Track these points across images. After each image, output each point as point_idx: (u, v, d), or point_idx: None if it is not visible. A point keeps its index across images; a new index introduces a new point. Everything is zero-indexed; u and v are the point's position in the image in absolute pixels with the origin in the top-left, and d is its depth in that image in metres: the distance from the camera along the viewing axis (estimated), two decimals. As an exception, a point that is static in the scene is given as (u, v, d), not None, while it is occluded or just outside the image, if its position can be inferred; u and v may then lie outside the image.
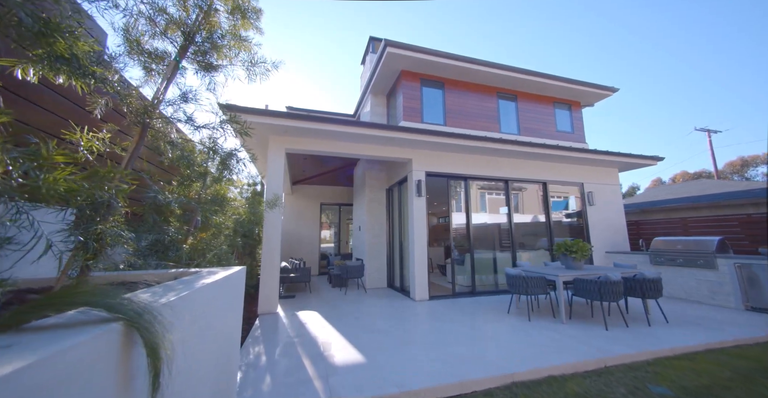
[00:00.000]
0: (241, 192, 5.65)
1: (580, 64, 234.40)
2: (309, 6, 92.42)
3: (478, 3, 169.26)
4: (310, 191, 11.81)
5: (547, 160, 7.77)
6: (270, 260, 5.45)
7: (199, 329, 1.46)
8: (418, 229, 6.51)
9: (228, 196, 3.23)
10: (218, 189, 3.18)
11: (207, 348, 1.60)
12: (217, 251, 3.25)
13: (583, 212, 8.06)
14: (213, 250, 3.22)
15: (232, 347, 2.19)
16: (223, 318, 1.91)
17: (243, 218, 5.27)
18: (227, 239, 4.43)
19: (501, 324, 4.46)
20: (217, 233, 3.28)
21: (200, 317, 1.48)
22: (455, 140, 6.40)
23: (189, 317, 1.32)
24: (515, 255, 7.27)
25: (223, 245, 3.26)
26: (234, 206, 3.74)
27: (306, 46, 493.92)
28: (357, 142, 6.31)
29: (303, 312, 5.42)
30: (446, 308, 5.60)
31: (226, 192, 3.28)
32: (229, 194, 6.04)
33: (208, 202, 2.91)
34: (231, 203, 3.20)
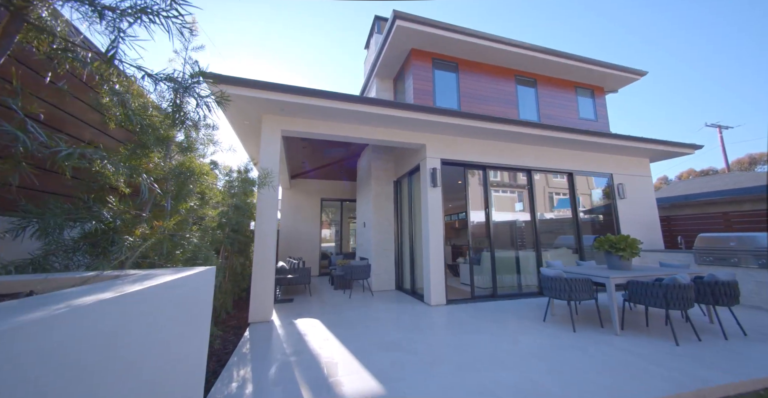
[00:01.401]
0: (230, 183, 4.87)
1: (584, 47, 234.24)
2: (309, 6, 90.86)
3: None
4: (309, 186, 11.03)
5: (573, 147, 6.99)
6: (264, 259, 4.67)
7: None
8: (433, 224, 5.73)
9: (202, 172, 2.42)
10: (187, 162, 2.39)
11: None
12: (189, 246, 2.46)
13: (612, 206, 7.28)
14: (183, 245, 2.43)
15: (186, 383, 1.41)
16: (164, 344, 1.14)
17: (230, 210, 4.49)
18: (209, 233, 3.65)
19: (542, 336, 3.68)
20: (185, 221, 2.50)
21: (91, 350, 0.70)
22: (474, 121, 5.62)
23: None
24: (540, 254, 6.49)
25: (192, 238, 2.47)
26: (210, 185, 2.93)
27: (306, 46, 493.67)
28: (364, 123, 5.53)
29: (302, 320, 4.64)
30: (468, 314, 4.82)
31: (200, 168, 2.49)
32: (219, 185, 5.28)
33: (172, 175, 2.13)
34: (203, 179, 2.42)
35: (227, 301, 4.49)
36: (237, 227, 4.60)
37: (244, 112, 4.92)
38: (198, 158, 3.24)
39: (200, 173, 2.21)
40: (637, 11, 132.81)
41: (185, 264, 2.81)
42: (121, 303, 0.91)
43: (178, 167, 2.19)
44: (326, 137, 5.53)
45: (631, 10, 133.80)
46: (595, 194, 7.49)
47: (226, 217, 4.09)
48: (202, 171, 2.20)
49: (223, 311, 4.86)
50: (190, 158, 2.38)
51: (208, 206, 3.64)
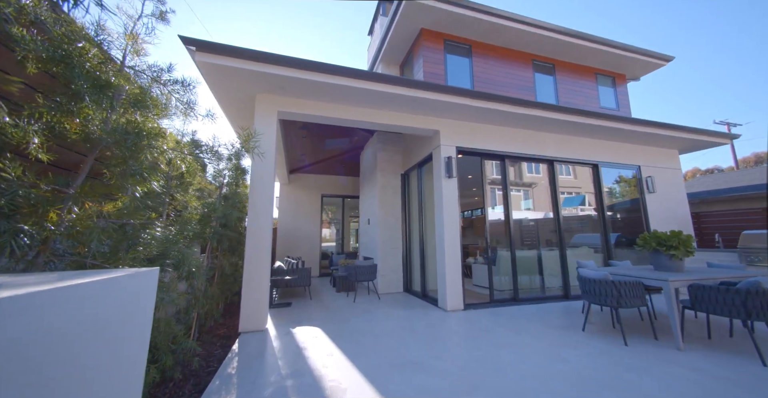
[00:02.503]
0: (218, 172, 4.24)
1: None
2: (309, 6, 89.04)
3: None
4: (309, 181, 10.39)
5: (598, 135, 6.38)
6: (257, 259, 4.04)
7: None
8: (449, 219, 5.11)
9: (155, 133, 1.74)
10: (137, 122, 1.74)
11: None
12: (151, 240, 1.83)
13: (640, 201, 6.67)
14: (142, 239, 1.80)
15: None
16: None
17: (218, 201, 3.85)
18: (189, 228, 3.01)
19: (590, 352, 3.06)
20: (143, 207, 1.86)
21: None
22: (494, 103, 5.00)
23: None
24: (565, 254, 5.87)
25: (155, 231, 1.84)
26: (180, 158, 2.27)
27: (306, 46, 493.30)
28: (373, 105, 4.90)
29: (301, 329, 4.01)
30: (492, 321, 4.20)
31: (153, 130, 1.82)
32: (209, 178, 4.64)
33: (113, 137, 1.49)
34: (156, 145, 1.73)
35: (214, 308, 3.86)
36: (225, 222, 3.97)
37: (235, 89, 4.28)
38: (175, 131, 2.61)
39: (152, 135, 1.57)
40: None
41: (150, 265, 2.18)
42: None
43: (123, 126, 1.55)
44: (329, 121, 4.90)
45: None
46: (615, 188, 6.87)
47: (210, 207, 3.45)
48: (154, 133, 1.56)
49: (210, 319, 4.23)
50: (146, 119, 1.72)
51: (187, 193, 3.01)
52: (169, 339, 2.56)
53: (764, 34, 72.55)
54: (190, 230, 3.03)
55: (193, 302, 3.48)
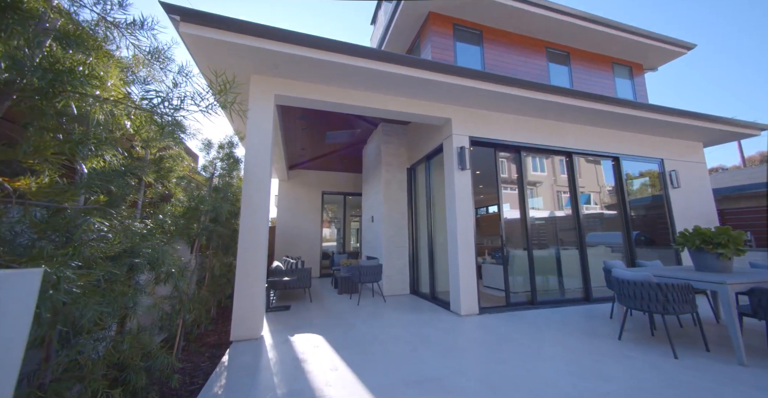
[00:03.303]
0: (211, 165, 3.81)
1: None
2: (309, 6, 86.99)
3: None
4: (309, 178, 9.96)
5: (620, 126, 5.95)
6: (252, 259, 3.61)
7: None
8: (462, 215, 4.68)
9: (90, 75, 1.26)
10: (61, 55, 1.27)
11: None
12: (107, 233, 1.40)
13: (664, 196, 6.23)
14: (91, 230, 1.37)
15: None
16: None
17: (207, 193, 3.42)
18: (169, 223, 2.60)
19: (636, 367, 2.63)
20: (84, 185, 1.42)
21: None
22: (512, 88, 4.57)
23: None
24: (585, 253, 5.44)
25: (106, 220, 1.40)
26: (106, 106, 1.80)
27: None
28: (377, 89, 4.47)
29: (301, 337, 3.58)
30: (513, 328, 3.77)
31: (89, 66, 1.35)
32: (201, 172, 4.19)
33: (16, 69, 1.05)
34: (87, 89, 1.25)
35: (203, 313, 3.43)
36: (216, 216, 3.54)
37: (226, 69, 3.85)
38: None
39: (78, 75, 1.12)
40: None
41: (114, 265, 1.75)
42: None
43: (39, 64, 1.09)
44: (331, 107, 4.47)
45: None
46: (631, 184, 6.43)
47: (198, 199, 3.01)
48: (84, 75, 1.12)
49: (201, 326, 3.80)
50: (80, 62, 1.25)
51: (168, 179, 2.57)
52: (141, 354, 2.13)
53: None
54: (171, 224, 2.60)
55: (178, 307, 3.05)
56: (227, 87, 1.49)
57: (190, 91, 1.45)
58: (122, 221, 1.73)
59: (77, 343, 1.41)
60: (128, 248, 1.89)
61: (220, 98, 1.48)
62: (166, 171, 2.52)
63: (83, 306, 1.15)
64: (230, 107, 1.53)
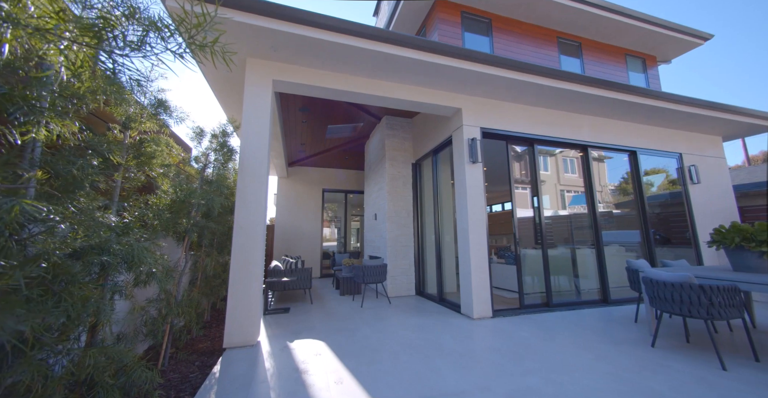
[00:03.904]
0: (204, 156, 3.50)
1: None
2: (309, 6, 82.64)
3: None
4: (310, 175, 9.66)
5: (637, 119, 5.65)
6: (247, 257, 3.30)
7: None
8: (474, 212, 4.37)
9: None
10: None
11: None
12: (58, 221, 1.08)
13: (683, 193, 5.93)
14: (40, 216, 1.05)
15: None
16: None
17: (198, 186, 3.11)
18: (152, 216, 2.29)
19: (680, 379, 2.32)
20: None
21: None
22: (531, 76, 4.26)
23: None
24: (602, 253, 5.14)
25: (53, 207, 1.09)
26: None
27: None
28: (383, 75, 4.16)
29: (301, 343, 3.27)
30: (532, 334, 3.46)
31: None
32: (193, 164, 3.87)
33: None
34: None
35: (193, 318, 3.12)
36: (207, 211, 3.22)
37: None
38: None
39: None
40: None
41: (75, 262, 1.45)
42: None
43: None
44: (333, 94, 4.16)
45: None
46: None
47: (186, 191, 2.69)
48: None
49: (192, 331, 3.48)
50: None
51: (150, 166, 2.26)
52: (115, 368, 1.82)
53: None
54: (154, 218, 2.29)
55: (164, 311, 2.74)
56: (206, 19, 1.17)
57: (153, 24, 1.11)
58: (83, 210, 1.42)
59: (14, 363, 1.10)
60: (95, 245, 1.58)
61: (194, 34, 1.15)
62: (147, 157, 2.21)
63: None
64: (212, 50, 1.20)
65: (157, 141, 2.22)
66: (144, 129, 2.25)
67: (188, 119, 2.79)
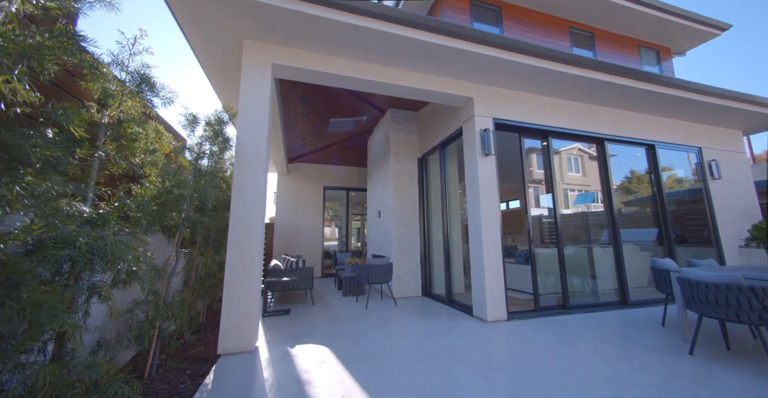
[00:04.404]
0: (199, 149, 3.22)
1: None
2: None
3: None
4: (310, 171, 9.38)
5: (656, 111, 5.38)
6: (244, 255, 3.02)
7: None
8: (487, 208, 4.10)
9: None
10: None
11: None
12: None
13: (704, 189, 5.65)
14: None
15: None
16: None
17: (191, 177, 2.83)
18: (136, 208, 2.02)
19: (739, 393, 2.05)
20: None
21: None
22: (551, 62, 3.98)
23: None
24: (620, 252, 4.86)
25: None
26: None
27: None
28: (390, 61, 3.88)
29: (303, 349, 3.00)
30: (553, 339, 3.19)
31: None
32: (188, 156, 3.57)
33: None
34: None
35: (185, 321, 2.84)
36: (201, 204, 2.94)
37: (215, 31, 3.26)
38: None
39: None
40: None
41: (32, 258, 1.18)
42: None
43: None
44: (338, 81, 3.88)
45: None
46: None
47: (176, 181, 2.41)
48: None
49: (184, 335, 3.19)
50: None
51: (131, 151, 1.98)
52: (86, 385, 1.54)
53: None
54: (137, 210, 2.01)
55: (151, 315, 2.47)
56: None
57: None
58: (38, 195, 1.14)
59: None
60: (57, 237, 1.31)
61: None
62: (129, 140, 1.93)
63: None
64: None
65: (139, 121, 1.94)
66: (126, 109, 1.97)
67: (178, 102, 2.51)
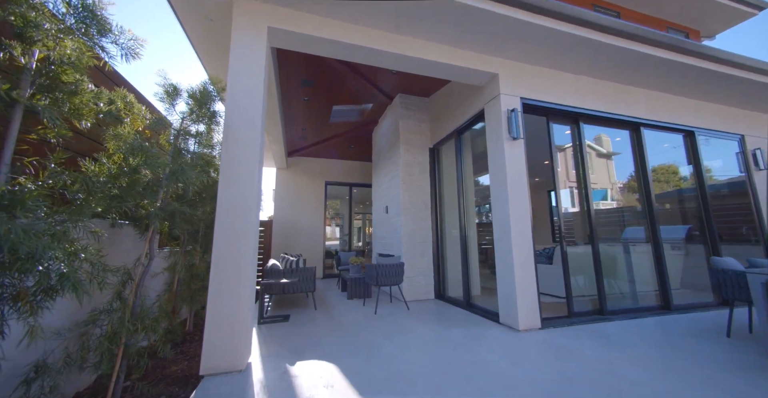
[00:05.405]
0: (182, 128, 2.69)
1: None
2: None
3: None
4: (311, 166, 8.84)
5: (695, 94, 4.85)
6: (233, 252, 2.48)
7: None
8: (515, 200, 3.57)
9: None
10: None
11: None
12: None
13: (747, 181, 5.12)
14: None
15: None
16: None
17: (169, 158, 2.29)
18: (86, 187, 1.47)
19: None
20: None
21: None
22: (592, 31, 3.45)
23: None
24: (660, 252, 4.32)
25: None
26: None
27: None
28: (407, 30, 3.35)
29: (306, 368, 2.46)
30: (609, 354, 2.66)
31: None
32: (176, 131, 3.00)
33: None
34: None
35: (160, 334, 2.30)
36: (183, 192, 2.41)
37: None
38: None
39: None
40: None
41: None
42: None
43: None
44: (345, 51, 3.35)
45: None
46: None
47: (142, 154, 1.87)
48: None
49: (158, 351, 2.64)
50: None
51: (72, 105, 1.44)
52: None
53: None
54: (80, 190, 1.47)
55: (111, 330, 1.93)
56: None
57: None
58: None
59: None
60: None
61: None
62: (67, 93, 1.39)
63: None
64: None
65: (79, 67, 1.40)
66: (64, 53, 1.44)
67: (155, 69, 1.97)
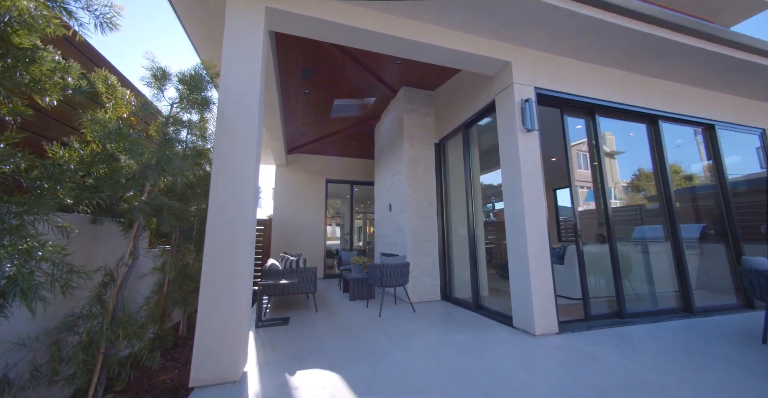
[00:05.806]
0: (175, 121, 2.47)
1: None
2: None
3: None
4: (311, 163, 8.62)
5: (715, 86, 4.63)
6: (227, 248, 2.26)
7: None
8: (530, 195, 3.34)
9: None
10: None
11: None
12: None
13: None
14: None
15: None
16: None
17: (156, 146, 2.07)
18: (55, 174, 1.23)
19: None
20: None
21: None
22: (614, 15, 3.22)
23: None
24: (681, 253, 4.08)
25: None
26: None
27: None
28: (414, 13, 3.12)
29: (307, 377, 2.24)
30: (635, 362, 2.43)
31: None
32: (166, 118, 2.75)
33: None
34: None
35: (145, 341, 2.08)
36: (171, 185, 2.19)
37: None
38: None
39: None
40: None
41: None
42: None
43: None
44: (349, 34, 3.12)
45: None
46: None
47: (121, 139, 1.65)
48: None
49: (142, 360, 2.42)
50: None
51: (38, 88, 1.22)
52: None
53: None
54: (44, 177, 1.25)
55: (87, 339, 1.71)
56: None
57: None
58: None
59: None
60: None
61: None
62: (20, 60, 1.17)
63: None
64: None
65: (34, 28, 1.17)
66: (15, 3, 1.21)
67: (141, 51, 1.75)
